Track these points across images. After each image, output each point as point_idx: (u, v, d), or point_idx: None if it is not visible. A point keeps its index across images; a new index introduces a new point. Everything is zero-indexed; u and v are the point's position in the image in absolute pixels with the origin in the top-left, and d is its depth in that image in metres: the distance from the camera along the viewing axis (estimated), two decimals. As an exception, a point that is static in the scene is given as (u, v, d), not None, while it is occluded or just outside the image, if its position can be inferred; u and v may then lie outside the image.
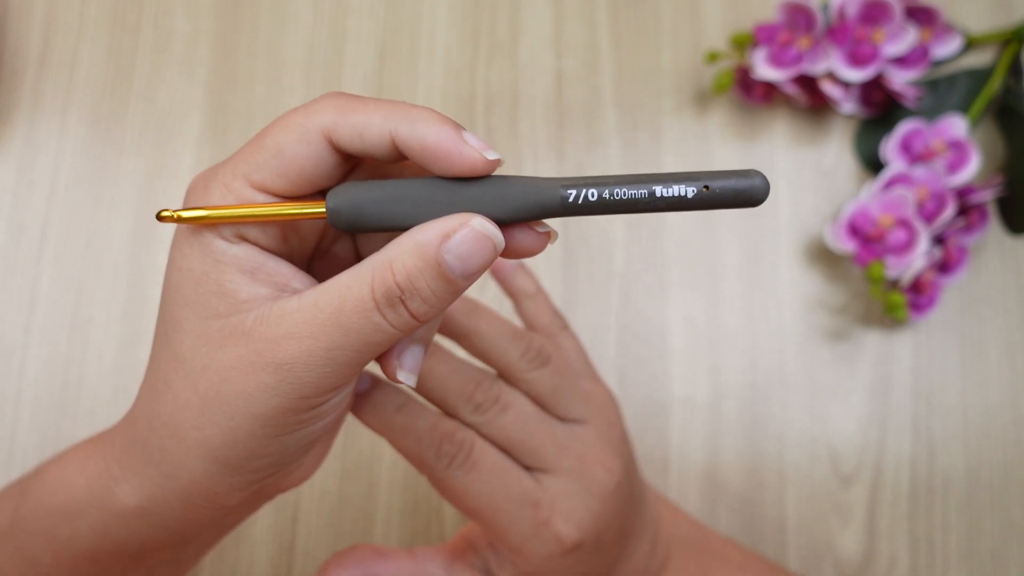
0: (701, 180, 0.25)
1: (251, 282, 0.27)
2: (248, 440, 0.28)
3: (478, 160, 0.25)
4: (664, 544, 0.41)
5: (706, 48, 0.54)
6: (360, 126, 0.26)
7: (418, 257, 0.26)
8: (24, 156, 0.52)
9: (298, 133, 0.26)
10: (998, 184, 0.50)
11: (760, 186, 0.25)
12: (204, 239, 0.27)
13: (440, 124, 0.26)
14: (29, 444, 0.49)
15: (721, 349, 0.50)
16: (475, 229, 0.25)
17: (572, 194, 0.25)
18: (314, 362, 0.26)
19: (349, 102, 0.26)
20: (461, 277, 0.26)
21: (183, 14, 0.55)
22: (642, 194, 0.25)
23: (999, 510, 0.49)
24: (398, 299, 0.26)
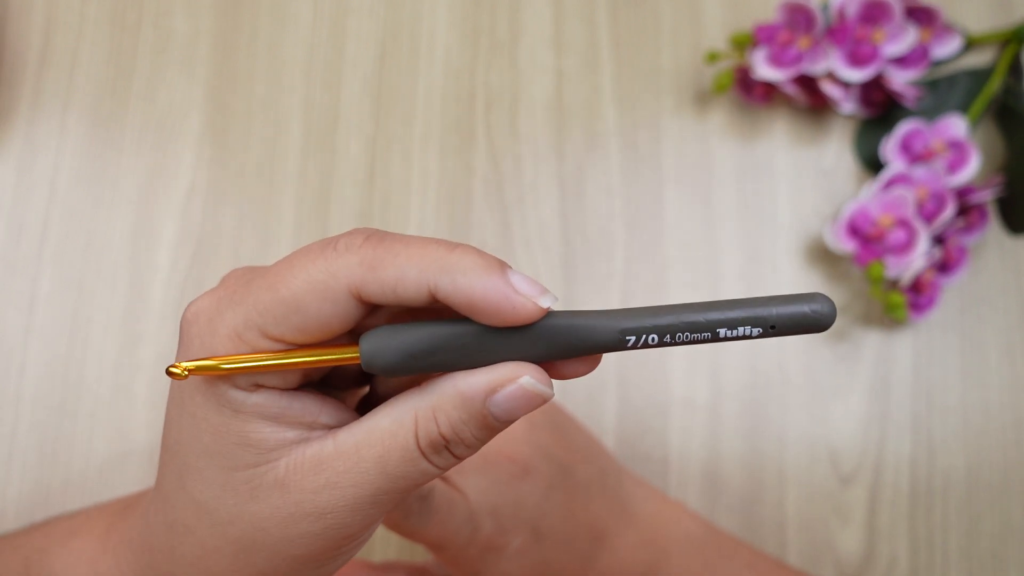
0: (766, 316, 0.23)
1: (277, 428, 0.25)
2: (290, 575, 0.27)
3: (532, 311, 0.24)
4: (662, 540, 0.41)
5: (706, 48, 0.54)
6: (393, 282, 0.24)
7: (463, 410, 0.25)
8: (24, 156, 0.52)
9: (321, 291, 0.24)
10: (998, 184, 0.50)
11: (827, 312, 0.23)
12: (218, 389, 0.25)
13: (486, 274, 0.23)
14: (29, 444, 0.49)
15: (721, 349, 0.50)
16: (524, 388, 0.24)
17: (632, 340, 0.24)
18: (359, 507, 0.25)
19: (378, 253, 0.24)
20: (504, 424, 0.25)
21: (183, 14, 0.55)
22: (705, 336, 0.24)
23: (999, 510, 0.49)
24: (443, 448, 0.25)
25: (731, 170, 0.53)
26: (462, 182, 0.52)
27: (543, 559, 0.37)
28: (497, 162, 0.53)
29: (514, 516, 0.37)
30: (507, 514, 0.36)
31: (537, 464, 0.38)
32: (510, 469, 0.37)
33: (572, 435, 0.42)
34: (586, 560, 0.39)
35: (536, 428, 0.39)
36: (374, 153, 0.53)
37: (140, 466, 0.49)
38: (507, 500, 0.37)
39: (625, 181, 0.52)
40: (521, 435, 0.39)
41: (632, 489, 0.42)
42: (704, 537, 0.42)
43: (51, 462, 0.49)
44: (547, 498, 0.38)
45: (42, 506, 0.48)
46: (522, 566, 0.37)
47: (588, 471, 0.40)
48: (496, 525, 0.36)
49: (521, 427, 0.39)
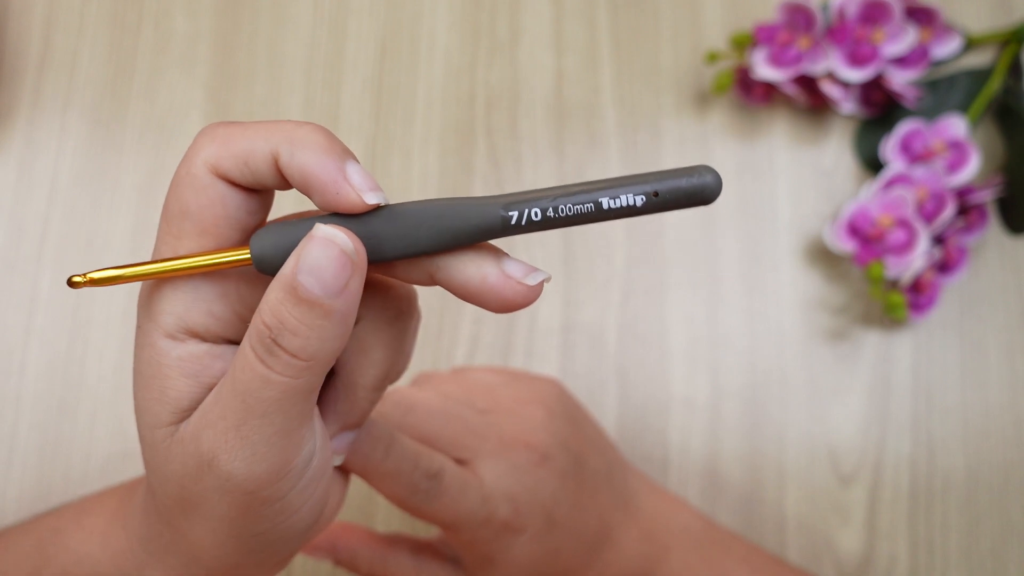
0: (649, 185, 0.23)
1: (194, 387, 0.25)
2: (232, 540, 0.27)
3: (355, 202, 0.24)
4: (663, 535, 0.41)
5: (706, 48, 0.54)
6: (243, 154, 0.24)
7: (278, 289, 0.23)
8: (24, 156, 0.52)
9: (188, 183, 0.24)
10: (998, 184, 0.50)
11: (711, 183, 0.23)
12: (151, 338, 0.25)
13: (323, 153, 0.24)
14: (29, 444, 0.49)
15: (721, 349, 0.50)
16: (317, 237, 0.23)
17: (514, 216, 0.24)
18: (231, 447, 0.24)
19: (228, 129, 0.25)
20: (325, 296, 0.23)
21: (183, 14, 0.55)
22: (588, 208, 0.23)
23: (999, 510, 0.49)
24: (270, 340, 0.23)
25: (731, 170, 0.53)
26: (462, 182, 0.52)
27: (553, 547, 0.38)
28: (497, 162, 0.53)
29: (530, 502, 0.37)
30: (523, 499, 0.37)
31: (554, 452, 0.38)
32: (528, 456, 0.37)
33: (585, 427, 0.42)
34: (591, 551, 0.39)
35: (554, 417, 0.40)
36: (374, 153, 0.53)
37: (140, 466, 0.49)
38: (524, 486, 0.37)
39: (625, 181, 0.52)
40: (539, 423, 0.39)
41: (636, 484, 0.43)
42: (703, 532, 0.43)
43: (51, 462, 0.49)
44: (561, 486, 0.38)
45: (42, 506, 0.48)
46: (532, 552, 0.37)
47: (598, 463, 0.41)
48: (512, 509, 0.36)
49: (539, 415, 0.39)
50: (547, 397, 0.41)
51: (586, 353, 0.50)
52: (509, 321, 0.50)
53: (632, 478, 0.43)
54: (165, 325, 0.25)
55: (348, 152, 0.24)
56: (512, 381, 0.42)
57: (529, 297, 0.25)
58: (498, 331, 0.50)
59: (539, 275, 0.25)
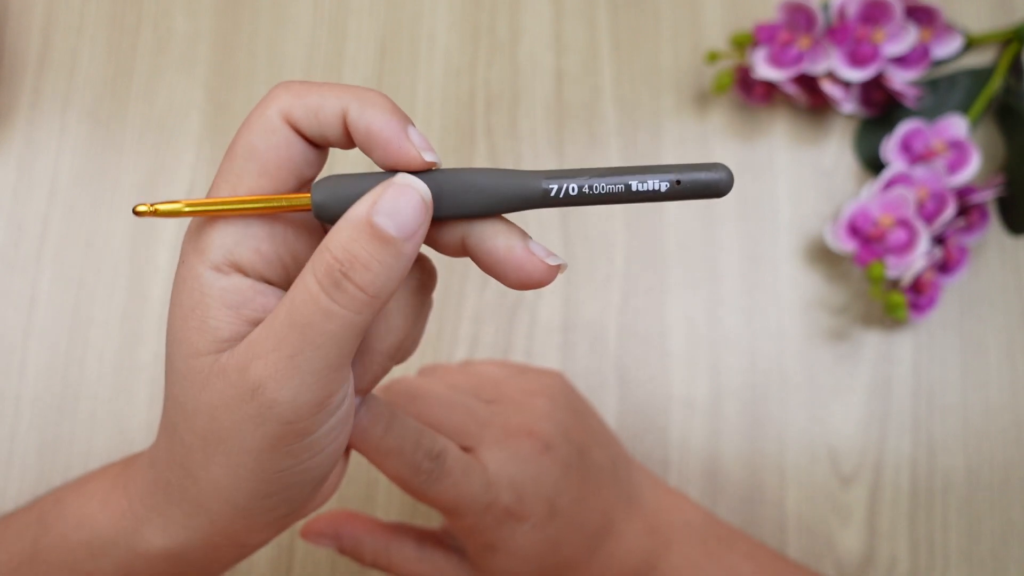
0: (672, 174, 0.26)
1: (235, 319, 0.26)
2: (251, 477, 0.27)
3: (414, 157, 0.26)
4: (666, 529, 0.41)
5: (706, 48, 0.54)
6: (315, 106, 0.26)
7: (350, 228, 0.25)
8: (24, 156, 0.52)
9: (260, 126, 0.26)
10: (998, 184, 0.50)
11: (725, 179, 0.26)
12: (195, 270, 0.27)
13: (388, 113, 0.26)
14: (29, 444, 0.49)
15: (721, 349, 0.50)
16: (398, 184, 0.25)
17: (554, 188, 0.26)
18: (281, 375, 0.25)
19: (304, 85, 0.27)
20: (400, 236, 0.25)
21: (183, 14, 0.55)
22: (619, 188, 0.26)
23: (999, 510, 0.49)
24: (340, 275, 0.25)
25: (731, 170, 0.53)
26: (462, 182, 0.52)
27: (555, 537, 0.38)
28: (497, 162, 0.53)
29: (533, 490, 0.37)
30: (527, 487, 0.37)
31: (557, 442, 0.38)
32: (531, 444, 0.38)
33: (589, 420, 0.42)
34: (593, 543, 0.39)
35: (558, 408, 0.40)
36: (374, 153, 0.53)
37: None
38: (527, 474, 0.37)
39: (625, 181, 0.52)
40: (543, 413, 0.39)
41: (639, 478, 0.43)
42: (706, 526, 0.43)
43: (51, 462, 0.49)
44: (564, 476, 0.38)
45: (42, 506, 0.48)
46: (534, 541, 0.37)
47: (602, 456, 0.41)
48: (515, 496, 0.36)
49: (544, 406, 0.39)
50: (552, 389, 0.41)
51: (586, 353, 0.50)
52: (509, 321, 0.50)
53: (635, 473, 0.43)
54: (213, 258, 0.26)
55: (408, 118, 0.26)
56: (517, 374, 0.42)
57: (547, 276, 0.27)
58: (498, 331, 0.50)
59: (558, 259, 0.27)
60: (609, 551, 0.40)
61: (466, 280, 0.51)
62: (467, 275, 0.51)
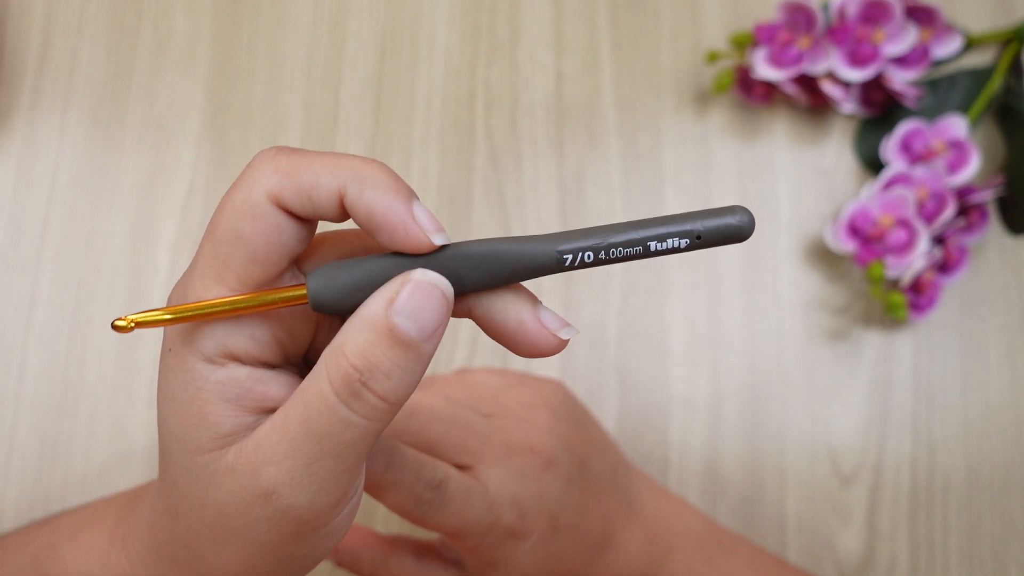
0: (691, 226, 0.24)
1: (235, 412, 0.25)
2: (265, 565, 0.26)
3: (422, 241, 0.24)
4: (666, 536, 0.41)
5: (706, 48, 0.54)
6: (308, 186, 0.24)
7: (368, 331, 0.23)
8: (24, 156, 0.52)
9: (247, 210, 0.24)
10: (998, 184, 0.50)
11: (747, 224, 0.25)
12: (187, 363, 0.25)
13: (391, 193, 0.24)
14: (29, 444, 0.49)
15: (721, 349, 0.50)
16: (418, 282, 0.24)
17: (568, 258, 0.25)
18: (297, 482, 0.24)
19: (291, 159, 0.24)
20: (421, 339, 0.24)
21: (183, 14, 0.55)
22: (637, 251, 0.25)
23: (999, 510, 0.49)
24: (359, 384, 0.23)
25: (731, 170, 0.53)
26: (462, 182, 0.52)
27: (557, 551, 0.38)
28: (497, 162, 0.53)
29: (535, 507, 0.37)
30: (529, 505, 0.37)
31: (559, 457, 0.38)
32: (533, 461, 0.37)
33: (589, 429, 0.42)
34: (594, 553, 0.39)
35: (559, 420, 0.40)
36: (374, 153, 0.53)
37: (140, 466, 0.49)
38: (529, 491, 0.37)
39: (625, 181, 0.52)
40: (544, 426, 0.39)
41: (639, 485, 0.43)
42: (706, 533, 0.43)
43: (51, 462, 0.49)
44: (566, 491, 0.38)
45: (42, 506, 0.48)
46: (537, 556, 0.37)
47: (602, 466, 0.41)
48: (517, 515, 0.36)
49: (544, 419, 0.39)
50: (552, 400, 0.41)
51: (586, 354, 0.50)
52: (509, 321, 0.50)
53: (635, 479, 0.43)
54: (204, 348, 0.25)
55: (413, 192, 0.24)
56: (516, 384, 0.42)
57: (557, 348, 0.25)
58: (498, 331, 0.50)
59: (571, 330, 0.25)
60: (610, 560, 0.40)
61: (466, 280, 0.51)
62: (467, 275, 0.51)
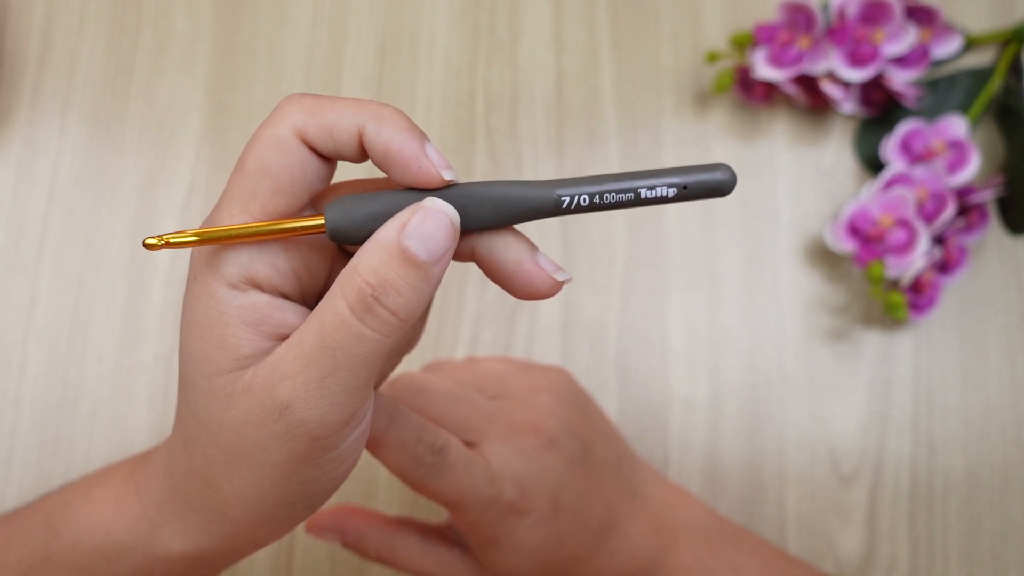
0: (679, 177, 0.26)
1: (255, 336, 0.26)
2: (276, 489, 0.27)
3: (433, 176, 0.26)
4: (671, 526, 0.41)
5: (706, 48, 0.54)
6: (330, 124, 0.26)
7: (381, 252, 0.25)
8: (24, 156, 0.52)
9: (274, 144, 0.26)
10: (998, 184, 0.50)
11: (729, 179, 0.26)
12: (211, 288, 0.26)
13: (407, 131, 0.26)
14: (29, 444, 0.49)
15: (721, 349, 0.50)
16: (427, 208, 0.25)
17: (566, 200, 0.26)
18: (311, 396, 0.25)
19: (316, 100, 0.26)
20: (430, 260, 0.25)
21: (183, 14, 0.55)
22: (628, 196, 0.26)
23: (999, 510, 0.49)
24: (372, 299, 0.25)
25: (731, 170, 0.53)
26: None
27: (558, 532, 0.38)
28: (497, 162, 0.53)
29: (537, 485, 0.37)
30: (530, 483, 0.37)
31: (562, 437, 0.38)
32: (535, 439, 0.38)
33: (594, 416, 0.42)
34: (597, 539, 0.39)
35: (562, 403, 0.40)
36: (374, 153, 0.53)
37: (140, 466, 0.49)
38: (531, 469, 0.37)
39: (625, 181, 0.52)
40: (547, 408, 0.39)
41: (644, 476, 0.43)
42: (711, 525, 0.43)
43: (51, 462, 0.49)
44: (568, 471, 0.38)
45: (42, 506, 0.48)
46: (538, 535, 0.37)
47: (606, 453, 0.41)
48: (518, 491, 0.36)
49: (548, 401, 0.39)
50: (557, 385, 0.41)
51: (586, 353, 0.50)
52: (509, 321, 0.51)
53: (640, 469, 0.43)
54: (228, 275, 0.26)
55: (425, 134, 0.26)
56: (522, 370, 0.42)
57: (552, 290, 0.27)
58: (498, 331, 0.50)
59: (565, 274, 0.27)
60: (613, 547, 0.40)
61: (466, 281, 0.51)
62: (467, 276, 0.51)
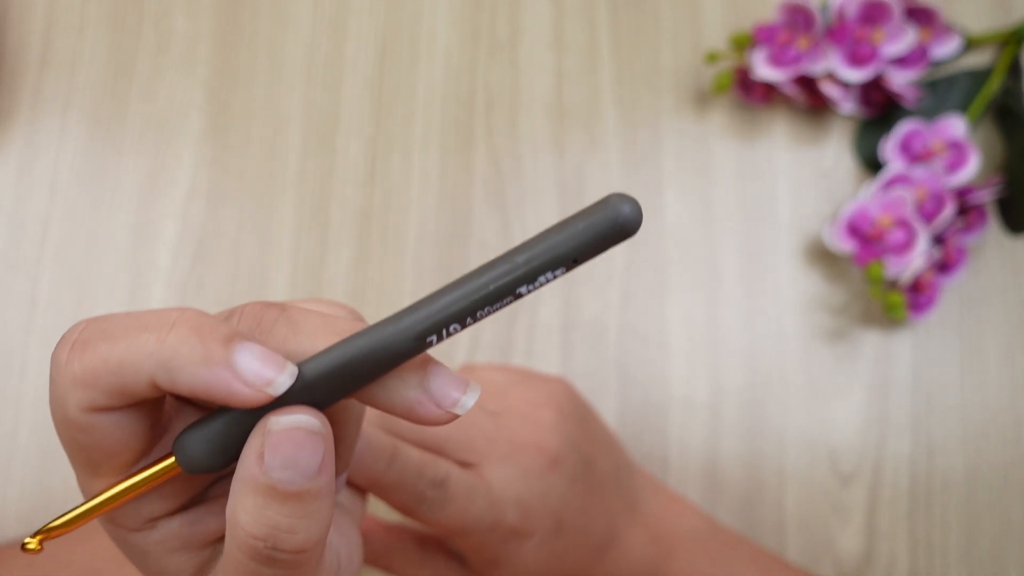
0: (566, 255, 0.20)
1: (188, 555, 0.25)
2: None
3: (258, 398, 0.21)
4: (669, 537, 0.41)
5: (706, 48, 0.54)
6: (117, 387, 0.21)
7: (252, 495, 0.21)
8: (24, 156, 0.52)
9: (71, 427, 0.22)
10: (997, 184, 0.51)
11: (629, 215, 0.20)
12: (122, 538, 0.25)
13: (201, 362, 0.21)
14: (29, 444, 0.49)
15: (721, 349, 0.50)
16: (277, 432, 0.21)
17: (433, 339, 0.22)
18: None
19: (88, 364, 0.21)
20: (308, 483, 0.21)
21: (183, 15, 0.55)
22: (507, 301, 0.21)
23: (999, 510, 0.49)
24: (269, 551, 0.22)
25: (731, 170, 0.53)
26: (462, 182, 0.52)
27: (560, 551, 0.38)
28: (497, 162, 0.53)
29: (539, 507, 0.37)
30: (533, 504, 0.36)
31: (564, 456, 0.38)
32: (538, 460, 0.37)
33: (594, 428, 0.42)
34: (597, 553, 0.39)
35: (565, 419, 0.39)
36: (374, 153, 0.53)
37: (140, 466, 0.49)
38: (534, 491, 0.37)
39: (625, 181, 0.52)
40: (550, 426, 0.38)
41: (642, 485, 0.43)
42: (708, 533, 0.43)
43: (52, 463, 0.49)
44: (571, 490, 0.38)
45: (43, 507, 0.48)
46: (539, 556, 0.37)
47: (607, 466, 0.41)
48: (520, 514, 0.36)
49: (550, 418, 0.39)
50: (558, 398, 0.40)
51: (586, 353, 0.50)
52: (509, 321, 0.51)
53: (639, 479, 0.43)
54: (128, 526, 0.24)
55: (231, 338, 0.21)
56: (522, 381, 0.42)
57: (448, 421, 0.23)
58: (498, 331, 0.50)
59: (469, 398, 0.23)
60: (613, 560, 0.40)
61: (466, 280, 0.51)
62: (467, 275, 0.51)
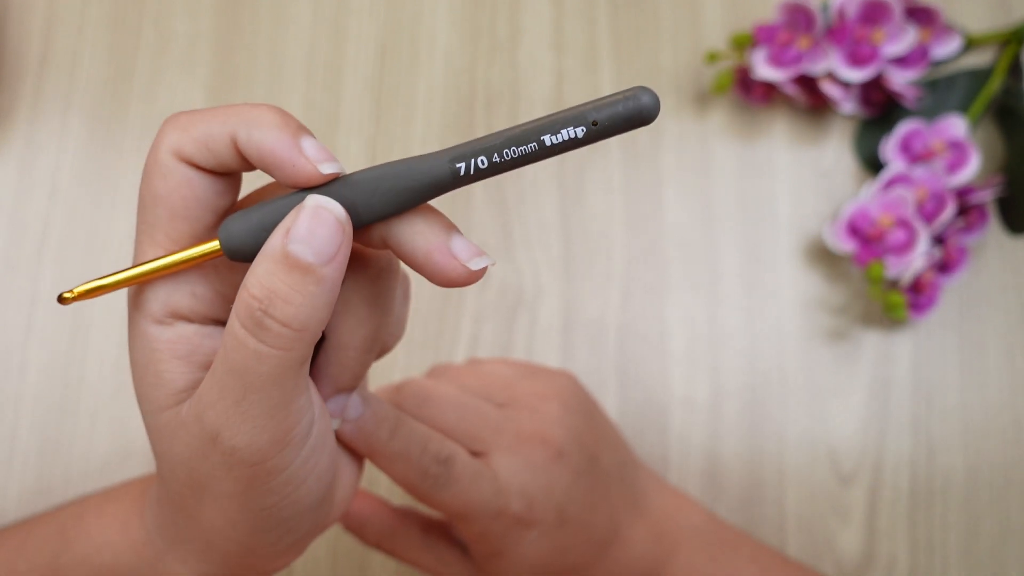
0: (587, 116, 0.23)
1: (188, 368, 0.26)
2: (242, 518, 0.27)
3: (311, 173, 0.24)
4: (671, 534, 0.41)
5: (706, 48, 0.54)
6: (204, 137, 0.25)
7: (266, 262, 0.24)
8: (25, 156, 0.52)
9: (155, 170, 0.25)
10: (998, 184, 0.51)
11: (648, 104, 0.23)
12: (140, 326, 0.26)
13: (278, 130, 0.24)
14: (29, 444, 0.49)
15: (721, 349, 0.50)
16: (308, 207, 0.24)
17: (462, 167, 0.24)
18: (232, 423, 0.25)
19: (190, 116, 0.25)
20: (319, 262, 0.24)
21: (183, 15, 0.55)
22: (532, 148, 0.24)
23: (999, 510, 0.49)
24: (261, 313, 0.24)
25: (731, 170, 0.53)
26: (462, 182, 0.52)
27: (562, 544, 0.38)
28: (497, 162, 0.53)
29: (544, 498, 0.37)
30: (537, 495, 0.37)
31: (570, 449, 0.38)
32: (543, 451, 0.37)
33: (600, 423, 0.42)
34: (600, 548, 0.39)
35: (571, 412, 0.39)
36: (374, 153, 0.53)
37: (140, 466, 0.49)
38: (538, 482, 0.37)
39: (625, 181, 0.52)
40: (556, 418, 0.39)
41: (645, 481, 0.43)
42: (711, 530, 0.43)
43: (51, 462, 0.49)
44: (575, 483, 0.38)
45: (43, 506, 0.48)
46: (542, 548, 0.37)
47: (611, 461, 0.41)
48: (525, 504, 0.36)
49: (556, 411, 0.39)
50: (564, 392, 0.41)
51: (586, 352, 0.50)
52: (509, 320, 0.51)
53: (642, 476, 0.43)
54: (152, 312, 0.26)
55: (303, 127, 0.25)
56: (529, 375, 0.42)
57: (468, 279, 0.25)
58: (498, 330, 0.50)
59: (483, 260, 0.25)
60: (615, 557, 0.40)
61: (466, 280, 0.51)
62: (467, 275, 0.51)
